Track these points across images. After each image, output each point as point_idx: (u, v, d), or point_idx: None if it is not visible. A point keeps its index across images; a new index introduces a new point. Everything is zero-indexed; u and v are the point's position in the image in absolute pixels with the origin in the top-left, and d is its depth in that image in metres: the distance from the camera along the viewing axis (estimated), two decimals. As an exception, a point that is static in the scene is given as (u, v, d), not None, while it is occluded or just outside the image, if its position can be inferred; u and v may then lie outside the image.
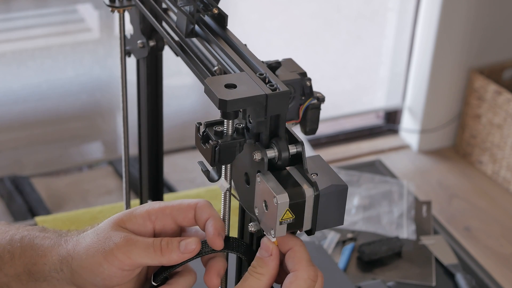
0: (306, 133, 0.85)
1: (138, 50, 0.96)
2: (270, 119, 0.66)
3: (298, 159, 0.67)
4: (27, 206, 1.69)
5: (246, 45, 0.75)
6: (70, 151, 2.45)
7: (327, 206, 0.66)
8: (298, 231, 0.67)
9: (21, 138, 2.40)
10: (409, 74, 2.99)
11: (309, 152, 1.66)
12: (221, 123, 0.67)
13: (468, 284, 1.24)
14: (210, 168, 0.69)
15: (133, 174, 1.43)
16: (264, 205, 0.66)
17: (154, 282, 0.72)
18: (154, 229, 0.72)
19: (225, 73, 0.74)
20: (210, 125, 0.67)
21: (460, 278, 1.25)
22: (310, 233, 0.67)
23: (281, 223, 0.65)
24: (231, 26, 0.78)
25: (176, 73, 2.45)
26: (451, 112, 3.02)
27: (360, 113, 3.10)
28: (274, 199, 0.64)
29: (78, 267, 0.70)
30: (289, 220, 0.65)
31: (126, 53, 0.97)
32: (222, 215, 0.72)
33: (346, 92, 3.04)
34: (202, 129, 0.67)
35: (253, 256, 0.70)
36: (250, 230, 0.69)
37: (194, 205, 0.72)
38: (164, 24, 0.87)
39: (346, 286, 1.16)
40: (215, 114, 0.67)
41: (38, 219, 1.33)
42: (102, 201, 1.75)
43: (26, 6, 2.32)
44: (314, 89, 0.83)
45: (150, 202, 0.74)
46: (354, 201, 1.44)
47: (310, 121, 0.84)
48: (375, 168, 1.57)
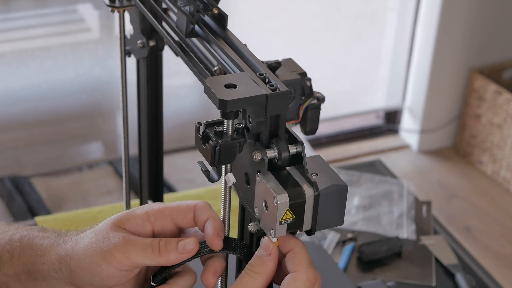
0: (306, 133, 0.85)
1: (138, 50, 0.96)
2: (270, 119, 0.66)
3: (298, 159, 0.67)
4: (27, 206, 1.69)
5: (246, 45, 0.75)
6: (70, 151, 2.45)
7: (327, 206, 0.66)
8: (298, 231, 0.67)
9: (21, 138, 2.40)
10: (409, 74, 2.98)
11: (309, 152, 1.66)
12: (221, 123, 0.67)
13: (468, 284, 1.24)
14: (210, 168, 0.69)
15: (133, 174, 1.43)
16: (264, 205, 0.66)
17: (153, 282, 0.72)
18: (153, 230, 0.72)
19: (225, 73, 0.74)
20: (210, 125, 0.67)
21: (460, 278, 1.25)
22: (310, 233, 0.67)
23: (281, 223, 0.65)
24: (231, 26, 0.78)
25: (176, 73, 2.45)
26: (451, 112, 3.02)
27: (360, 113, 3.10)
28: (274, 199, 0.64)
29: (77, 267, 0.70)
30: (289, 220, 0.65)
31: (126, 53, 0.97)
32: (222, 216, 0.72)
33: (346, 92, 3.04)
34: (202, 129, 0.67)
35: (252, 257, 0.70)
36: (250, 230, 0.69)
37: (193, 206, 0.72)
38: (164, 24, 0.86)
39: (346, 286, 1.16)
40: (215, 114, 0.67)
41: (38, 219, 1.33)
42: (102, 201, 1.75)
43: (26, 6, 2.32)
44: (314, 89, 0.83)
45: (149, 203, 0.74)
46: (354, 201, 1.44)
47: (310, 121, 0.84)
48: (375, 168, 1.57)
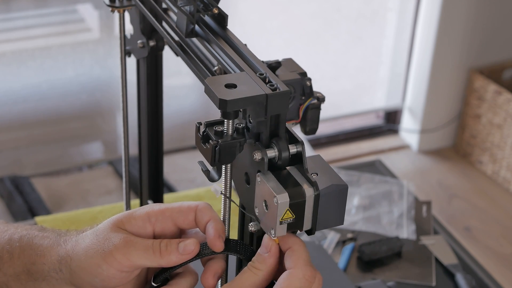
0: (306, 133, 0.85)
1: (138, 50, 0.96)
2: (270, 119, 0.66)
3: (298, 159, 0.67)
4: (27, 206, 1.69)
5: (246, 45, 0.75)
6: (70, 151, 2.45)
7: (327, 206, 0.66)
8: (298, 231, 0.67)
9: (21, 138, 2.40)
10: (409, 74, 2.98)
11: (309, 152, 1.66)
12: (221, 123, 0.67)
13: (468, 284, 1.24)
14: (210, 168, 0.69)
15: (133, 174, 1.43)
16: (264, 205, 0.66)
17: (154, 283, 0.71)
18: (153, 231, 0.72)
19: (225, 73, 0.74)
20: (210, 125, 0.67)
21: (460, 278, 1.25)
22: (310, 233, 0.67)
23: (281, 223, 0.65)
24: (231, 26, 0.78)
25: (176, 73, 2.45)
26: (451, 112, 3.02)
27: (360, 113, 3.10)
28: (274, 199, 0.64)
29: (77, 268, 0.70)
30: (289, 220, 0.65)
31: (126, 53, 0.97)
32: (222, 216, 0.72)
33: (346, 92, 3.04)
34: (202, 129, 0.67)
35: (253, 257, 0.70)
36: (250, 230, 0.69)
37: (194, 207, 0.72)
38: (164, 24, 0.86)
39: (346, 286, 1.16)
40: (215, 114, 0.67)
41: (38, 219, 1.33)
42: (102, 201, 1.75)
43: (26, 6, 2.32)
44: (314, 89, 0.83)
45: (150, 204, 0.74)
46: (354, 201, 1.44)
47: (310, 121, 0.84)
48: (375, 168, 1.57)
